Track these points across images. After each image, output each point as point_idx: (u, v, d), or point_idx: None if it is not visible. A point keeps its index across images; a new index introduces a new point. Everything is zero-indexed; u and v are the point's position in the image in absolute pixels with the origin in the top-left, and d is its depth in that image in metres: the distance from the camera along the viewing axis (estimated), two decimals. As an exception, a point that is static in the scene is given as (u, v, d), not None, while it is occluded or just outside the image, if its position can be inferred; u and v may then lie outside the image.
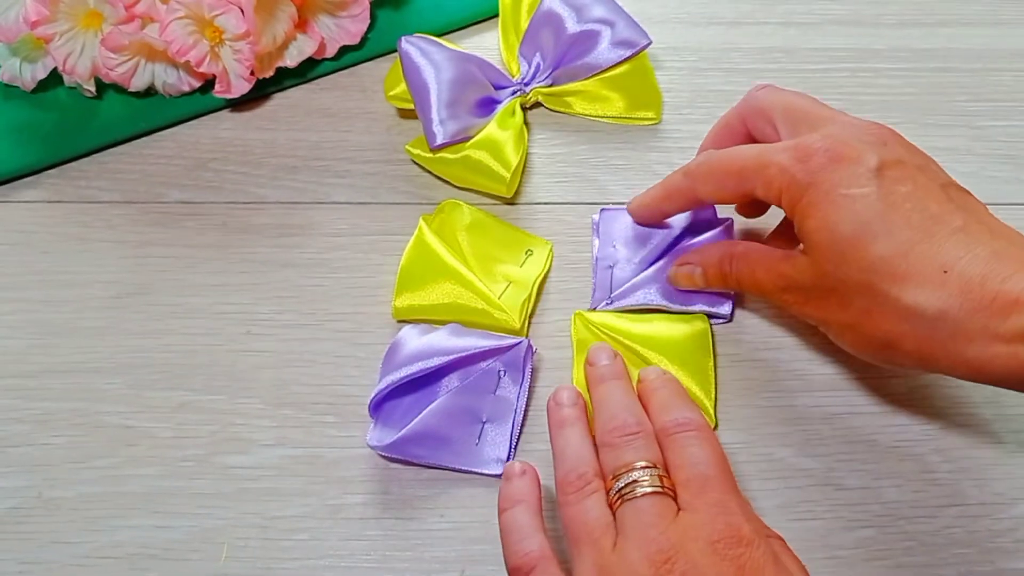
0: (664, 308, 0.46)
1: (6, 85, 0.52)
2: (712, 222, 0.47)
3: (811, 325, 0.42)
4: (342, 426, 0.45)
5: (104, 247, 0.50)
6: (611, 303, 0.46)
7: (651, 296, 0.46)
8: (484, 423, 0.44)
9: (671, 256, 0.47)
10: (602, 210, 0.49)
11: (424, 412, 0.42)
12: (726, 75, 0.55)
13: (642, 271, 0.47)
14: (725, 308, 0.46)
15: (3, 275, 0.49)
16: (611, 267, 0.48)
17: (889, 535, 0.42)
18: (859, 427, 0.45)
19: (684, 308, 0.46)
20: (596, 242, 0.49)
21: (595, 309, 0.47)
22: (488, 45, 0.56)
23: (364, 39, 0.54)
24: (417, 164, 0.52)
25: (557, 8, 0.52)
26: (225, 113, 0.54)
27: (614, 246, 0.48)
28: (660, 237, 0.47)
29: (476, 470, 0.43)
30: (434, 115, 0.48)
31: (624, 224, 0.48)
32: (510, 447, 0.43)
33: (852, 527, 0.43)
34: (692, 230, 0.47)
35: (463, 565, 0.42)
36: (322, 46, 0.53)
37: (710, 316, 0.46)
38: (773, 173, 0.38)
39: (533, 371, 0.45)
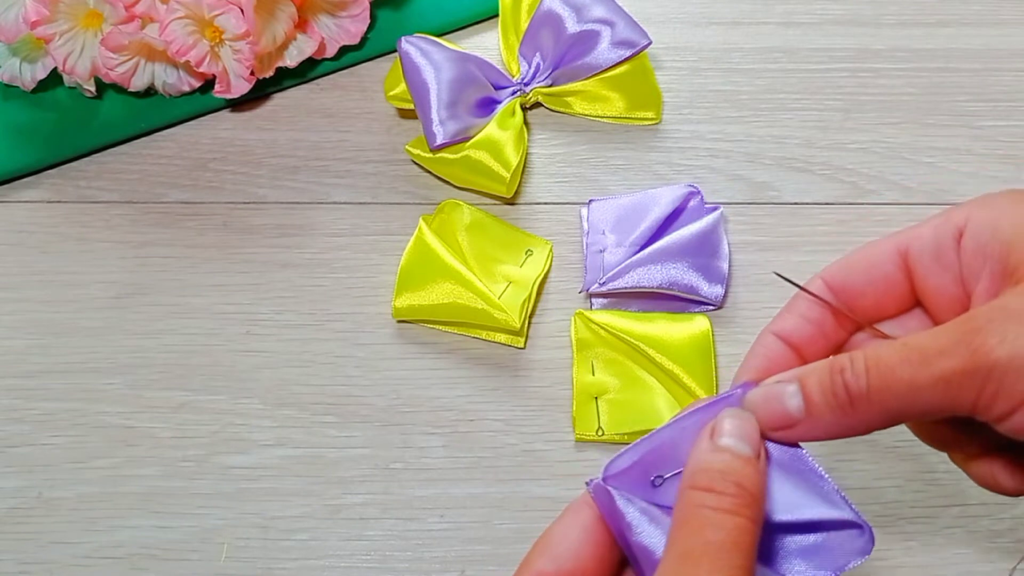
0: (653, 291, 0.46)
1: (6, 85, 0.52)
2: (700, 209, 0.48)
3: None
4: (342, 426, 0.45)
5: (104, 247, 0.50)
6: (603, 285, 0.46)
7: (641, 278, 0.46)
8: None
9: (659, 242, 0.47)
10: (591, 200, 0.49)
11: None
12: (726, 75, 0.55)
13: (632, 255, 0.47)
14: (717, 290, 0.47)
15: (3, 275, 0.49)
16: (601, 251, 0.48)
17: (889, 535, 0.42)
18: (859, 427, 0.45)
19: (672, 291, 0.46)
20: (585, 226, 0.49)
21: (587, 292, 0.47)
22: (488, 45, 0.56)
23: (364, 39, 0.54)
24: (417, 164, 0.52)
25: (557, 8, 0.52)
26: (225, 113, 0.54)
27: (603, 232, 0.48)
28: (648, 222, 0.47)
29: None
30: (434, 115, 0.48)
31: (612, 211, 0.49)
32: None
33: (852, 527, 0.43)
34: (680, 214, 0.48)
35: (463, 565, 0.42)
36: (322, 46, 0.53)
37: (702, 302, 0.47)
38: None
39: (535, 373, 0.45)
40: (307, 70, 0.54)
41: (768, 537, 0.28)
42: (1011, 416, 0.25)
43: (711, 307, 0.47)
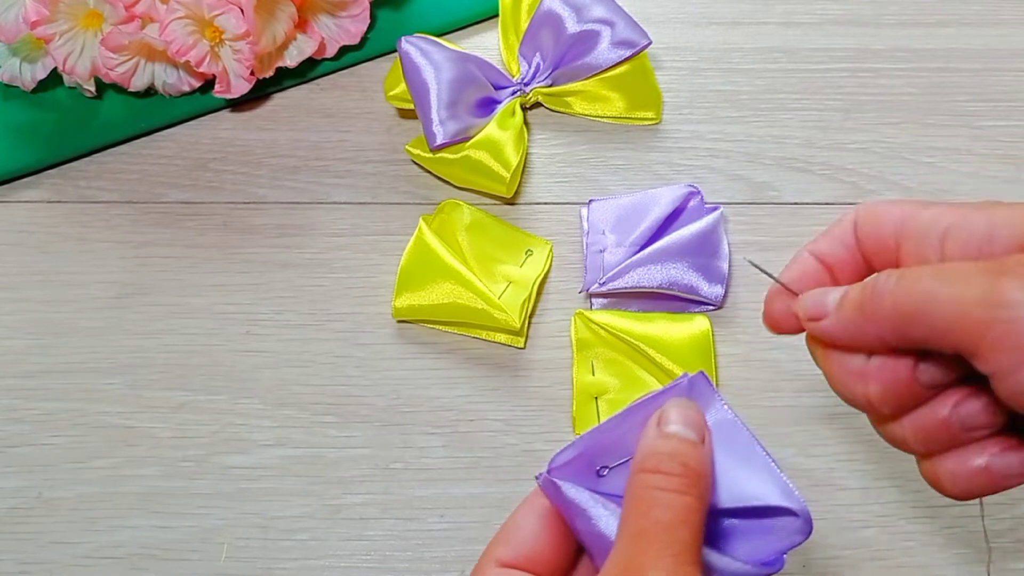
0: (653, 291, 0.46)
1: (6, 85, 0.52)
2: (701, 209, 0.49)
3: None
4: (342, 426, 0.45)
5: (104, 247, 0.50)
6: (603, 285, 0.46)
7: (641, 278, 0.46)
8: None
9: (659, 242, 0.47)
10: (591, 200, 0.49)
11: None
12: (726, 75, 0.55)
13: (632, 255, 0.47)
14: (717, 290, 0.47)
15: (3, 275, 0.49)
16: (601, 251, 0.48)
17: (889, 535, 0.42)
18: (859, 427, 0.45)
19: (672, 291, 0.46)
20: (585, 226, 0.49)
21: (587, 292, 0.47)
22: (488, 45, 0.56)
23: (364, 39, 0.54)
24: (417, 164, 0.52)
25: (557, 8, 0.52)
26: (225, 113, 0.54)
27: (603, 232, 0.48)
28: (648, 222, 0.47)
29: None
30: (434, 115, 0.48)
31: (612, 211, 0.49)
32: None
33: (852, 527, 0.43)
34: (680, 214, 0.48)
35: (463, 565, 0.42)
36: (322, 46, 0.53)
37: (702, 302, 0.47)
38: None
39: (535, 373, 0.45)
40: (307, 70, 0.54)
41: (711, 520, 0.29)
42: (1015, 373, 0.25)
43: (711, 307, 0.47)
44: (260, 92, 0.54)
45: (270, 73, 0.52)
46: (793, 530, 0.29)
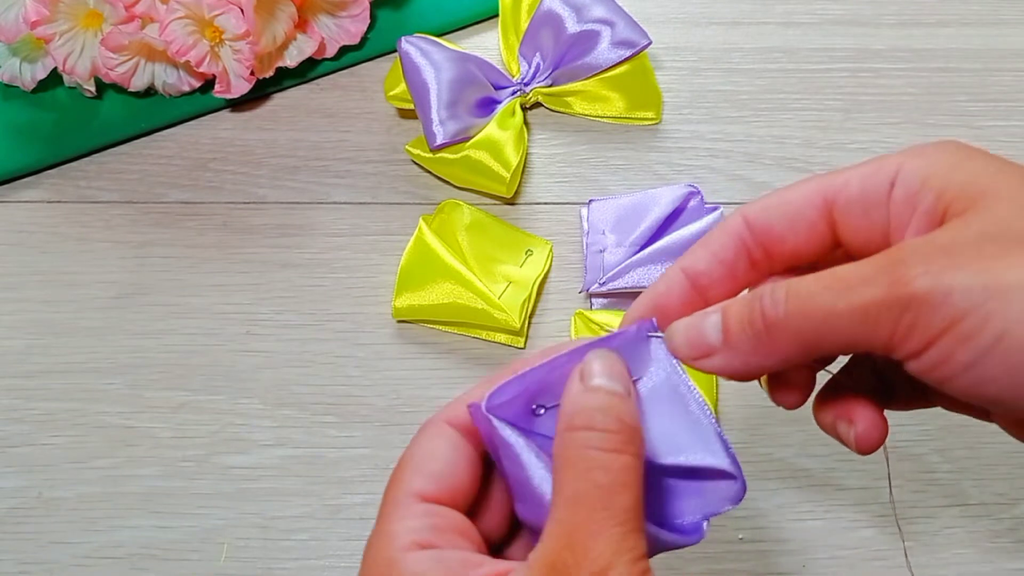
0: None
1: (6, 85, 0.52)
2: (700, 209, 0.48)
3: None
4: (342, 426, 0.45)
5: (104, 247, 0.50)
6: (603, 285, 0.46)
7: (641, 278, 0.46)
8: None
9: (659, 242, 0.47)
10: (591, 200, 0.49)
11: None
12: (726, 75, 0.55)
13: (632, 255, 0.47)
14: None
15: (3, 275, 0.49)
16: (601, 251, 0.48)
17: (889, 535, 0.42)
18: (859, 427, 0.45)
19: None
20: (585, 226, 0.49)
21: (587, 292, 0.47)
22: (488, 45, 0.56)
23: (364, 39, 0.54)
24: (417, 164, 0.52)
25: (557, 8, 0.52)
26: (225, 113, 0.54)
27: (603, 232, 0.48)
28: (648, 222, 0.48)
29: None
30: (434, 115, 0.48)
31: (612, 211, 0.49)
32: None
33: (852, 527, 0.43)
34: (680, 214, 0.48)
35: (463, 565, 0.42)
36: (322, 46, 0.53)
37: None
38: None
39: None
40: (307, 70, 0.54)
41: (647, 478, 0.27)
42: (924, 352, 0.24)
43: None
44: (260, 92, 0.54)
45: (270, 73, 0.52)
46: (724, 495, 0.28)
